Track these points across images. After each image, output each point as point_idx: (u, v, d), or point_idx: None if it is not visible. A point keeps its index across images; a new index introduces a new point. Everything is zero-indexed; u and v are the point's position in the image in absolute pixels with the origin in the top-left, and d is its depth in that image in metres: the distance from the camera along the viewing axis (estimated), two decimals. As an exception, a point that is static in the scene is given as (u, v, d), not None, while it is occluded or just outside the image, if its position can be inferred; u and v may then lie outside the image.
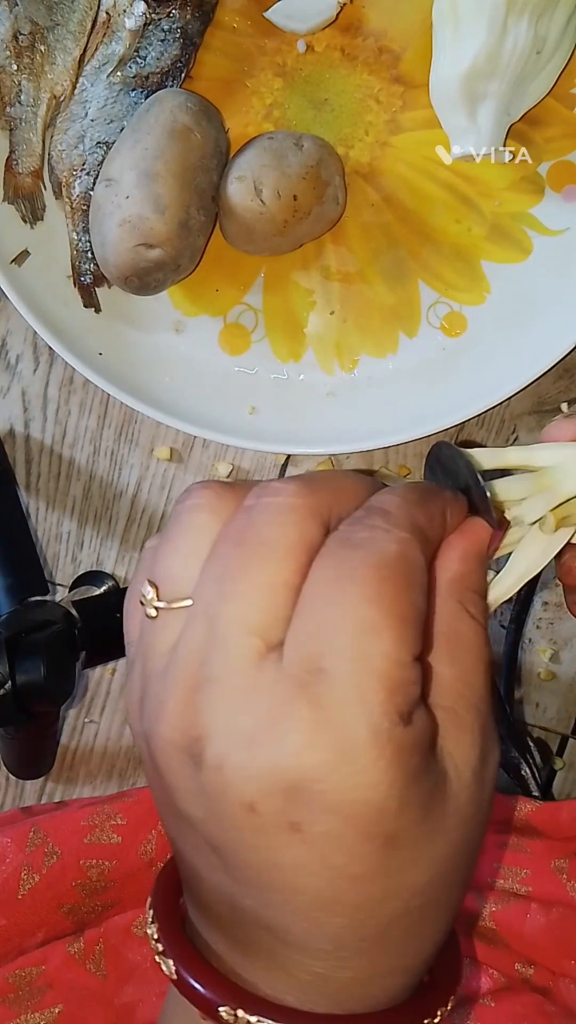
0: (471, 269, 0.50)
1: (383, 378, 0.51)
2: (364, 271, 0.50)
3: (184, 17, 0.48)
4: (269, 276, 0.51)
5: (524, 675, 0.53)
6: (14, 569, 0.52)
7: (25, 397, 0.54)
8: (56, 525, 0.55)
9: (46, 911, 0.44)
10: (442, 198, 0.49)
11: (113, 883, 0.45)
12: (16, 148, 0.50)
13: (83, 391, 0.54)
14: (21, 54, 0.49)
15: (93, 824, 0.45)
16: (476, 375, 0.49)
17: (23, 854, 0.44)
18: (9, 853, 0.44)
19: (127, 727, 0.56)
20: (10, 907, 0.43)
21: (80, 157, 0.49)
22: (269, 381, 0.51)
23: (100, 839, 0.45)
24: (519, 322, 0.49)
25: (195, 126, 0.46)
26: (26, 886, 0.43)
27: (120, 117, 0.49)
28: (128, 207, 0.45)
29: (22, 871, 0.44)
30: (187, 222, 0.46)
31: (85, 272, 0.50)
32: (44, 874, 0.44)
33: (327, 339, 0.51)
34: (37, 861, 0.44)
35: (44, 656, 0.45)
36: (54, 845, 0.44)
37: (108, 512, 0.55)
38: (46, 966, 0.43)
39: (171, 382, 0.51)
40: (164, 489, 0.54)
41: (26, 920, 0.44)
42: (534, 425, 0.52)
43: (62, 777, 0.56)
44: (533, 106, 0.47)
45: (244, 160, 0.46)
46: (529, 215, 0.49)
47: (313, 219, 0.47)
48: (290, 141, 0.47)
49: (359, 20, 0.48)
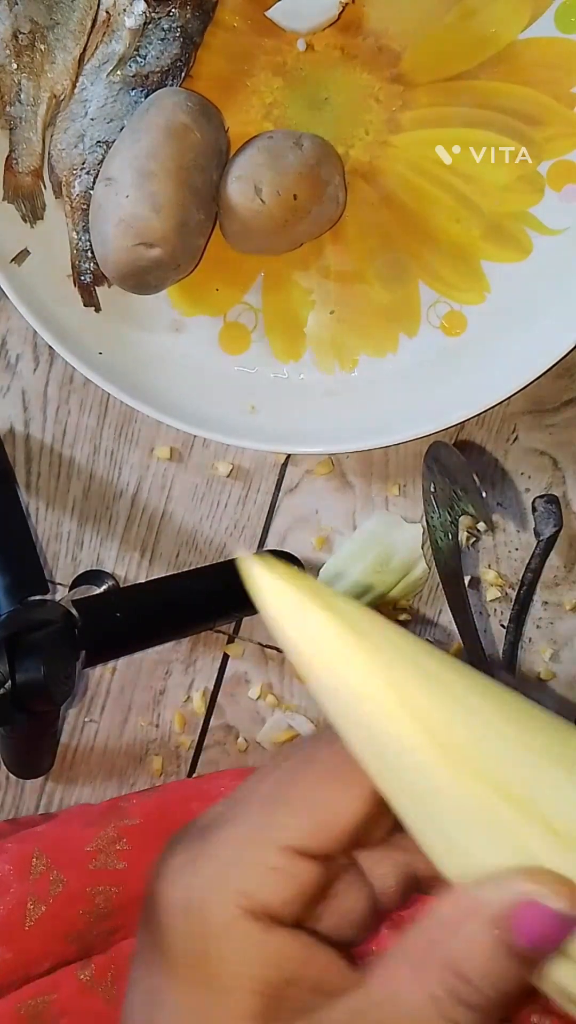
0: (471, 269, 0.49)
1: (383, 378, 0.50)
2: (364, 270, 0.50)
3: (184, 16, 0.48)
4: (269, 276, 0.51)
5: (524, 675, 0.53)
6: (14, 568, 0.52)
7: (25, 396, 0.54)
8: (56, 524, 0.55)
9: (53, 941, 0.43)
10: (442, 198, 0.49)
11: (119, 909, 0.44)
12: (16, 147, 0.50)
13: (83, 390, 0.54)
14: (21, 53, 0.49)
15: (98, 849, 0.45)
16: (476, 375, 0.49)
17: (27, 883, 0.43)
18: (12, 883, 0.43)
19: (127, 726, 0.56)
20: (17, 939, 0.42)
21: (80, 156, 0.49)
22: (269, 380, 0.51)
23: (106, 865, 0.45)
24: (519, 322, 0.49)
25: (194, 125, 0.46)
26: (32, 917, 0.43)
27: (120, 116, 0.49)
28: (127, 206, 0.45)
29: (28, 902, 0.43)
30: (186, 221, 0.45)
31: (85, 271, 0.50)
32: (50, 904, 0.43)
33: (326, 338, 0.51)
34: (43, 890, 0.43)
35: (44, 655, 0.45)
36: (59, 873, 0.44)
37: (108, 511, 0.55)
38: (58, 994, 0.43)
39: (171, 381, 0.51)
40: (164, 488, 0.54)
41: (33, 951, 0.43)
42: (534, 425, 0.52)
43: (62, 777, 0.56)
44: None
45: (244, 159, 0.46)
46: (529, 214, 0.49)
47: (313, 218, 0.47)
48: (290, 140, 0.46)
49: (359, 19, 0.48)
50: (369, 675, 0.24)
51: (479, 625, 0.53)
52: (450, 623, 0.53)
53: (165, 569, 0.55)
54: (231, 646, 0.55)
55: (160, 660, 0.55)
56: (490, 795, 0.23)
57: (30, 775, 0.55)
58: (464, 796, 0.23)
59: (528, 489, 0.52)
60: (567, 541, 0.52)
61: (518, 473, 0.52)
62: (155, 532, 0.55)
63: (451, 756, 0.23)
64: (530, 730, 0.24)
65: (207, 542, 0.54)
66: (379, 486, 0.53)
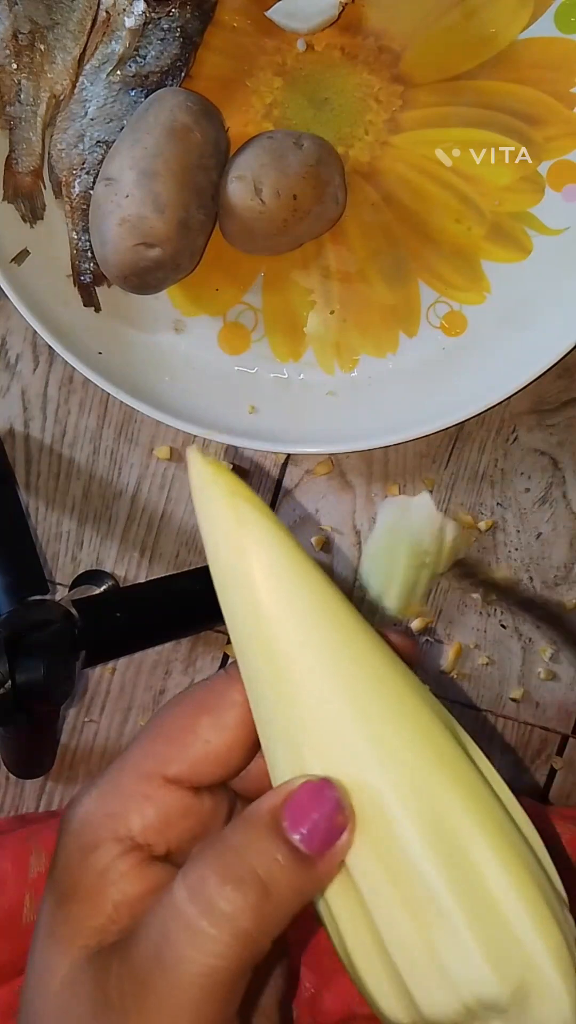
0: (471, 268, 0.49)
1: (383, 378, 0.50)
2: (364, 270, 0.50)
3: (184, 16, 0.48)
4: (269, 275, 0.51)
5: (524, 675, 0.54)
6: (14, 568, 0.52)
7: (25, 396, 0.54)
8: (56, 524, 0.55)
9: None
10: (442, 197, 0.49)
11: None
12: (16, 147, 0.50)
13: (83, 390, 0.54)
14: (21, 53, 0.48)
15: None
16: (476, 375, 0.49)
17: (25, 880, 0.43)
18: (9, 879, 0.43)
19: (126, 726, 0.56)
20: (13, 935, 0.42)
21: (80, 156, 0.49)
22: (269, 380, 0.51)
23: None
24: (519, 322, 0.49)
25: (195, 125, 0.46)
26: (31, 914, 0.43)
27: (120, 116, 0.49)
28: (128, 206, 0.45)
29: (25, 899, 0.43)
30: (187, 221, 0.45)
31: (85, 271, 0.50)
32: None
33: (327, 338, 0.51)
34: (40, 888, 0.43)
35: (44, 655, 0.45)
36: None
37: (108, 511, 0.55)
38: None
39: (171, 381, 0.51)
40: (164, 488, 0.54)
41: (28, 947, 0.43)
42: (534, 425, 0.52)
43: (62, 777, 0.56)
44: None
45: (244, 159, 0.46)
46: (529, 214, 0.49)
47: (313, 218, 0.47)
48: (290, 140, 0.46)
49: (359, 19, 0.48)
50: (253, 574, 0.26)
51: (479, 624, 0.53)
52: (449, 624, 0.53)
53: (165, 569, 0.55)
54: (231, 646, 0.55)
55: (160, 660, 0.55)
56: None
57: (30, 775, 0.55)
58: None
59: (528, 489, 0.52)
60: (567, 541, 0.52)
61: (518, 473, 0.52)
62: (155, 532, 0.55)
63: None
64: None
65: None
66: (379, 486, 0.53)
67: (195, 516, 0.54)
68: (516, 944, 0.24)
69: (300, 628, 0.26)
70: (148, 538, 0.55)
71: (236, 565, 0.26)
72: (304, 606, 0.26)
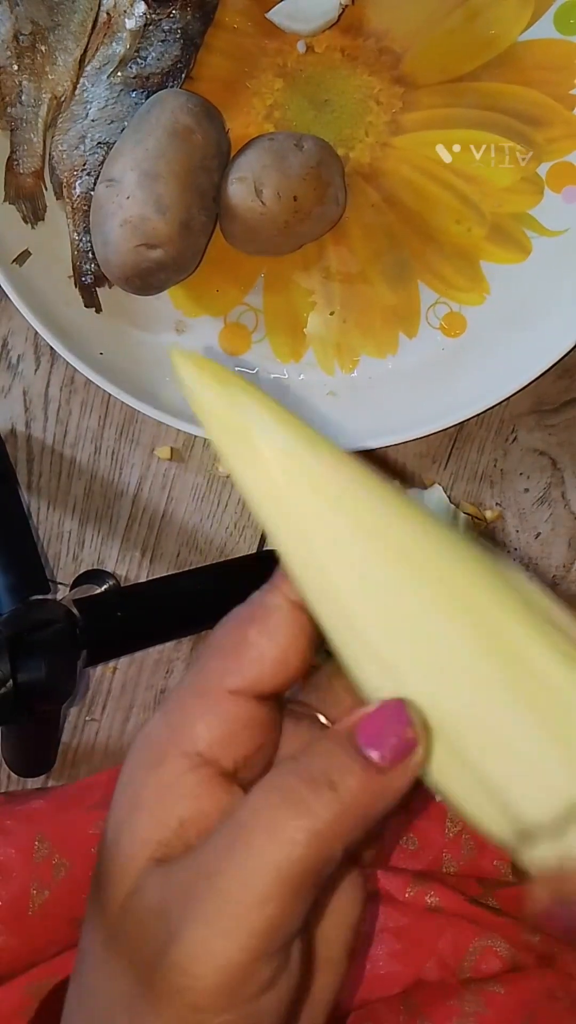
0: (471, 269, 0.50)
1: (383, 378, 0.51)
2: (365, 271, 0.50)
3: (185, 18, 0.48)
4: (270, 276, 0.51)
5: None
6: (15, 568, 0.52)
7: (27, 397, 0.54)
8: (57, 524, 0.55)
9: (58, 926, 0.43)
10: (443, 199, 0.49)
11: None
12: (17, 148, 0.50)
13: (84, 391, 0.54)
14: (22, 54, 0.49)
15: (101, 832, 0.45)
16: (476, 375, 0.49)
17: (30, 868, 0.43)
18: (15, 867, 0.43)
19: (128, 725, 0.56)
20: (21, 925, 0.42)
21: (81, 157, 0.50)
22: (269, 381, 0.51)
23: None
24: (519, 322, 0.49)
25: (196, 127, 0.46)
26: (36, 903, 0.42)
27: (121, 118, 0.49)
28: (130, 207, 0.45)
29: (31, 887, 0.43)
30: (189, 222, 0.46)
31: (86, 272, 0.50)
32: (54, 889, 0.43)
33: (327, 339, 0.51)
34: (46, 875, 0.43)
35: (46, 655, 0.45)
36: (62, 857, 0.43)
37: (109, 511, 0.55)
38: (66, 975, 0.43)
39: (172, 382, 0.51)
40: (165, 488, 0.55)
41: (39, 937, 0.43)
42: (534, 425, 0.52)
43: (64, 775, 0.57)
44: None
45: (245, 161, 0.46)
46: (529, 216, 0.49)
47: (314, 220, 0.47)
48: (291, 142, 0.47)
49: (360, 21, 0.48)
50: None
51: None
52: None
53: (166, 569, 0.55)
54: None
55: (161, 659, 0.56)
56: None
57: (32, 773, 0.55)
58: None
59: (528, 489, 0.52)
60: (566, 541, 0.52)
61: (518, 473, 0.52)
62: (156, 532, 0.55)
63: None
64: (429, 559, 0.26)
65: (208, 542, 0.55)
66: (379, 486, 0.53)
67: (197, 516, 0.54)
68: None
69: (321, 498, 0.26)
70: (149, 538, 0.55)
71: (243, 450, 0.27)
72: (321, 476, 0.26)
